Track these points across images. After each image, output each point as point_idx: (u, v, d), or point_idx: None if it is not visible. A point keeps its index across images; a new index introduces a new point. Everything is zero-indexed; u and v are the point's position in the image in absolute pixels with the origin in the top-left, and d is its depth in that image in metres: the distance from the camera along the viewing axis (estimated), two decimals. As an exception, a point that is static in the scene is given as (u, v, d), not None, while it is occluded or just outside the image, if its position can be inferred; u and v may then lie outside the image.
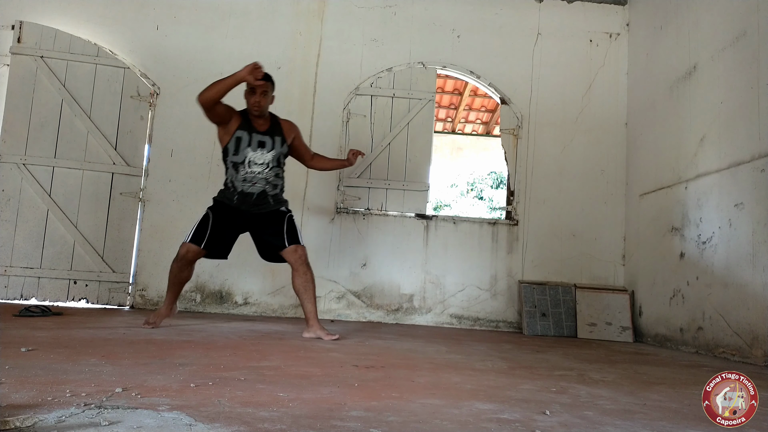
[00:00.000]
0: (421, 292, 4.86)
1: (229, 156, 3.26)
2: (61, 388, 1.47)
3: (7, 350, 2.05)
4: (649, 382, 2.32)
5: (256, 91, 3.20)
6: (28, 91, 4.60)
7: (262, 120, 3.32)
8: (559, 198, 5.04)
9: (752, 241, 3.29)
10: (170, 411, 1.31)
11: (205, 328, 3.40)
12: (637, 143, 4.90)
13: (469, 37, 5.16)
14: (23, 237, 4.48)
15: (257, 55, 4.96)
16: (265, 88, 3.22)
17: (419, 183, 4.92)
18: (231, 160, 3.26)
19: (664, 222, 4.33)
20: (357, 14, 5.12)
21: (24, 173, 4.52)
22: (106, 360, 1.98)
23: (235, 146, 3.25)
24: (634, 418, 1.56)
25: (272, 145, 3.31)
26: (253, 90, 3.21)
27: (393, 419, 1.38)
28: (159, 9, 4.95)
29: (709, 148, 3.83)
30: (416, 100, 5.00)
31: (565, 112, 5.14)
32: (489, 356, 2.89)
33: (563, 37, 5.21)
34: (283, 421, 1.30)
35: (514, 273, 4.93)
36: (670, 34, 4.45)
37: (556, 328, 4.65)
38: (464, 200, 11.79)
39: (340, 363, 2.30)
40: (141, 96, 4.81)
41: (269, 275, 4.77)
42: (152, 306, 4.64)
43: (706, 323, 3.68)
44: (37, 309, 3.48)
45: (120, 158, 4.71)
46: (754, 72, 3.40)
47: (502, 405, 1.64)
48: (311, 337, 3.19)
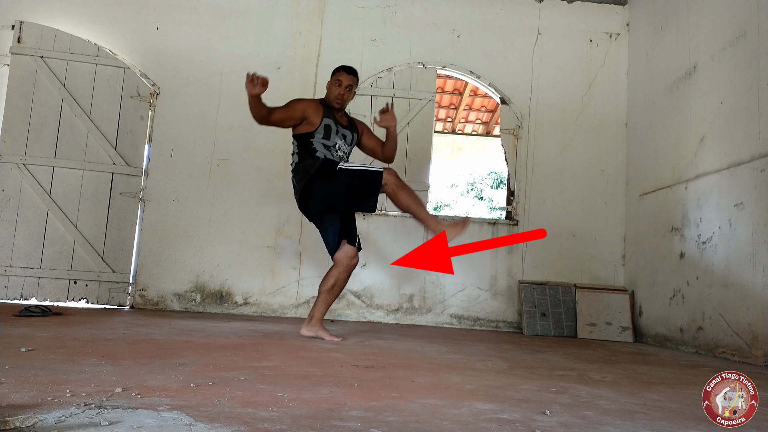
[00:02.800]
0: (421, 292, 4.86)
1: (318, 138, 3.21)
2: (61, 388, 1.47)
3: (7, 350, 2.05)
4: (649, 382, 2.32)
5: (341, 84, 3.25)
6: (28, 91, 4.60)
7: (341, 114, 3.37)
8: (559, 198, 5.04)
9: (752, 241, 3.29)
10: (170, 411, 1.31)
11: (205, 328, 3.40)
12: (637, 143, 4.90)
13: (469, 37, 5.16)
14: (23, 237, 4.49)
15: (257, 55, 4.99)
16: (351, 83, 3.29)
17: (419, 183, 4.92)
18: (321, 142, 3.21)
19: (664, 222, 4.33)
20: (357, 14, 5.12)
21: (24, 173, 4.52)
22: (106, 360, 1.98)
23: (325, 131, 3.22)
24: (634, 418, 1.56)
25: (351, 139, 3.37)
26: (339, 82, 3.25)
27: (393, 419, 1.38)
28: (159, 9, 4.95)
29: (709, 148, 3.83)
30: (416, 100, 5.00)
31: (565, 112, 5.14)
32: (489, 356, 2.89)
33: (563, 37, 5.21)
34: (283, 421, 1.30)
35: (514, 273, 4.93)
36: (670, 34, 4.45)
37: (556, 328, 4.65)
38: (464, 200, 11.79)
39: (340, 363, 2.30)
40: (141, 96, 4.81)
41: (269, 275, 4.77)
42: (152, 306, 4.64)
43: (706, 323, 3.68)
44: (37, 309, 3.48)
45: (120, 158, 4.71)
46: (754, 72, 3.40)
47: (502, 405, 1.64)
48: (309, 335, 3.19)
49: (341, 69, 3.36)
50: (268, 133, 4.91)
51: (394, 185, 3.06)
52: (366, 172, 3.09)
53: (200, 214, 4.79)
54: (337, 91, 3.28)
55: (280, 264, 4.79)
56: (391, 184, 3.05)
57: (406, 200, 3.08)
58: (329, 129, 3.24)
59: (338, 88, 3.28)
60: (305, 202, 3.24)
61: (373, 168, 3.10)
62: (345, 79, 3.30)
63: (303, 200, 3.24)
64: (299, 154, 3.27)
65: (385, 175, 3.05)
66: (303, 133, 3.25)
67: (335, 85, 3.29)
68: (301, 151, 3.27)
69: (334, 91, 3.29)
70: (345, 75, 3.31)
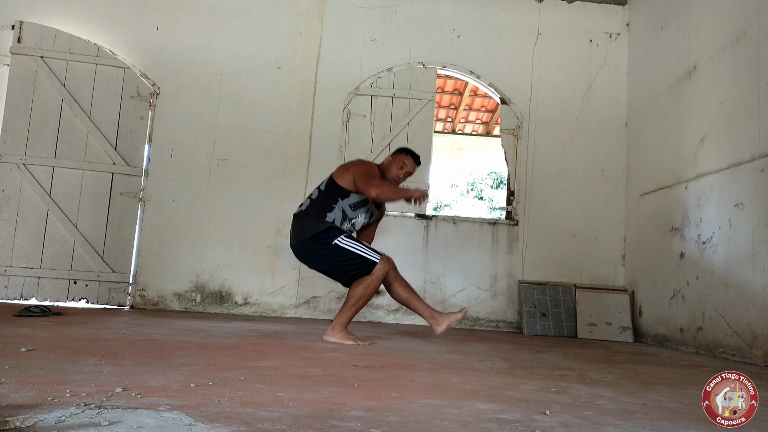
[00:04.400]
0: (421, 292, 4.85)
1: (346, 203, 3.16)
2: (61, 388, 1.47)
3: (7, 350, 2.05)
4: (649, 382, 2.32)
5: (404, 168, 3.27)
6: (28, 91, 4.60)
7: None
8: (559, 198, 5.04)
9: (752, 241, 3.29)
10: (170, 411, 1.31)
11: (205, 328, 3.39)
12: (637, 143, 4.90)
13: (469, 37, 5.16)
14: (23, 237, 4.48)
15: (257, 55, 4.99)
16: (413, 171, 3.33)
17: (419, 183, 4.91)
18: (345, 208, 3.16)
19: (664, 222, 4.33)
20: (357, 14, 5.12)
21: (24, 173, 4.52)
22: (106, 360, 1.98)
23: (357, 203, 3.18)
24: (634, 418, 1.56)
25: (372, 216, 3.35)
26: (404, 165, 3.26)
27: (393, 419, 1.38)
28: (159, 9, 4.95)
29: (709, 148, 3.83)
30: (416, 100, 5.00)
31: (565, 112, 5.14)
32: (489, 356, 2.89)
33: (563, 37, 5.21)
34: (283, 421, 1.30)
35: (514, 273, 4.93)
36: (670, 34, 4.45)
37: (556, 328, 4.65)
38: (464, 200, 11.79)
39: (340, 363, 2.30)
40: (141, 96, 4.81)
41: (269, 275, 4.77)
42: (152, 306, 4.64)
43: (706, 323, 3.68)
44: (37, 309, 3.48)
45: (120, 158, 4.71)
46: (754, 72, 3.40)
47: (502, 405, 1.64)
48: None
49: (410, 154, 3.32)
50: (268, 134, 4.93)
51: (392, 278, 3.10)
52: (360, 258, 3.04)
53: (200, 214, 4.79)
54: (397, 173, 3.27)
55: (280, 264, 4.79)
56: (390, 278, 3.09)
57: (402, 293, 3.13)
58: (362, 204, 3.20)
59: (400, 170, 3.26)
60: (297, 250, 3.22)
61: (369, 255, 3.05)
62: (410, 167, 3.29)
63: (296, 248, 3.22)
64: (316, 200, 3.20)
65: (380, 265, 3.04)
66: (341, 187, 3.16)
67: (398, 166, 3.26)
68: (319, 198, 3.19)
69: (395, 171, 3.27)
70: (412, 163, 3.30)
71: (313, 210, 3.17)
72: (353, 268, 3.06)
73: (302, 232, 3.14)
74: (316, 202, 3.20)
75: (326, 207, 3.15)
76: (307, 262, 3.24)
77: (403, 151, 3.34)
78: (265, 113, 4.93)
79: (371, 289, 3.09)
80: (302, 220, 3.17)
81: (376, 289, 3.15)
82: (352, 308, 3.09)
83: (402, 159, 3.29)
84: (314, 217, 3.13)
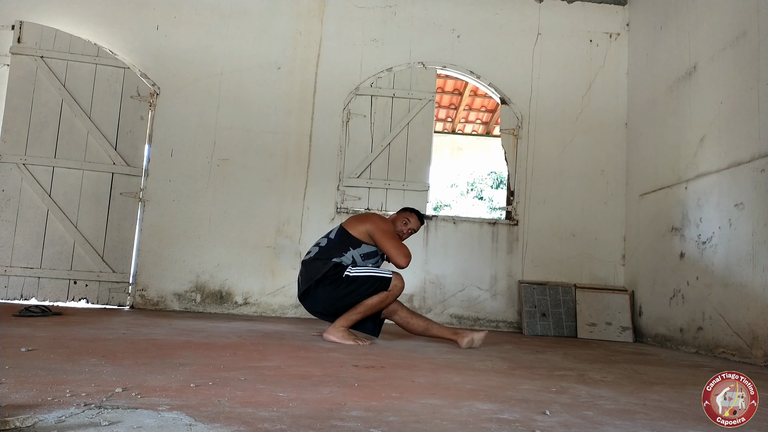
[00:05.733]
0: (421, 292, 4.86)
1: (357, 252, 3.21)
2: (61, 388, 1.47)
3: (7, 350, 2.05)
4: (649, 382, 2.32)
5: (408, 225, 3.39)
6: (28, 91, 4.60)
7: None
8: (559, 198, 5.04)
9: (752, 241, 3.29)
10: (170, 411, 1.31)
11: (205, 328, 3.40)
12: (637, 143, 4.90)
13: (469, 37, 5.16)
14: (23, 237, 4.49)
15: (257, 55, 4.99)
16: (417, 230, 3.46)
17: (419, 183, 4.92)
18: (355, 257, 3.21)
19: (664, 222, 4.33)
20: (357, 14, 5.12)
21: (24, 173, 4.52)
22: (106, 360, 1.98)
23: (368, 254, 3.24)
24: (634, 418, 1.56)
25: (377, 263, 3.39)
26: (407, 222, 3.39)
27: (393, 419, 1.38)
28: (159, 9, 4.95)
29: (709, 148, 3.83)
30: (416, 100, 5.00)
31: (565, 112, 5.14)
32: (489, 356, 2.89)
33: (563, 37, 5.21)
34: (283, 421, 1.30)
35: (514, 273, 4.93)
36: (670, 34, 4.45)
37: (556, 328, 4.65)
38: (464, 200, 11.79)
39: (340, 363, 2.30)
40: (141, 96, 4.81)
41: (269, 275, 4.77)
42: (152, 306, 4.64)
43: (706, 323, 3.68)
44: (37, 309, 3.48)
45: (120, 158, 4.71)
46: (754, 72, 3.40)
47: (502, 405, 1.64)
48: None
49: (416, 214, 3.44)
50: (268, 134, 4.93)
51: (406, 315, 3.31)
52: (374, 278, 3.11)
53: (200, 214, 4.79)
54: (401, 228, 3.37)
55: (280, 264, 4.79)
56: (404, 316, 3.31)
57: (420, 323, 3.29)
58: (373, 255, 3.26)
59: (404, 227, 3.38)
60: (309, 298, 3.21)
61: (382, 273, 3.12)
62: (414, 224, 3.41)
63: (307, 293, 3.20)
64: (325, 247, 3.23)
65: (395, 281, 3.11)
66: (354, 237, 3.22)
67: (404, 224, 3.39)
68: (328, 246, 3.23)
69: (399, 227, 3.37)
70: (416, 221, 3.42)
71: (322, 255, 3.21)
72: (369, 287, 3.11)
73: (310, 276, 3.16)
74: (325, 249, 3.24)
75: (336, 255, 3.20)
76: (322, 305, 3.21)
77: (408, 210, 3.48)
78: (265, 113, 4.93)
79: (385, 303, 3.15)
80: (310, 266, 3.21)
81: (389, 304, 3.22)
82: (360, 314, 3.12)
83: (407, 216, 3.42)
84: (322, 260, 3.18)
